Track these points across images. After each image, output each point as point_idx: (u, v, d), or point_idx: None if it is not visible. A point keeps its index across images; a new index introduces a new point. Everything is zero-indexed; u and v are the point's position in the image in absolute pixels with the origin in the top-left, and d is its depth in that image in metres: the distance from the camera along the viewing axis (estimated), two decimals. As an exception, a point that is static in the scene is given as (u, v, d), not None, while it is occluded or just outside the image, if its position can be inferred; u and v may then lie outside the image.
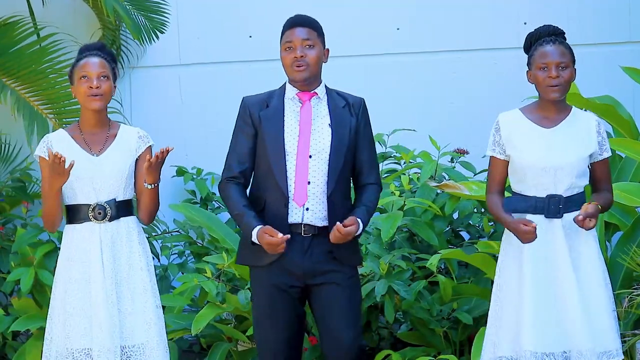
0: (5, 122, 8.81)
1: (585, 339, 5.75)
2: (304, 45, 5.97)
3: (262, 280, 6.04)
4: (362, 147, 6.09)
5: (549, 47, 5.82)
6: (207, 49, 9.38)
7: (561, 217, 5.81)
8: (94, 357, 5.94)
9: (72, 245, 6.06)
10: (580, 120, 5.95)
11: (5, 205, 8.54)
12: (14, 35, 8.87)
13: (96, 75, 6.00)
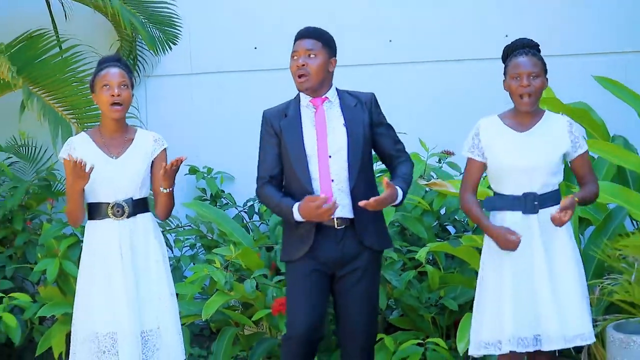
0: (31, 127, 8.86)
1: (555, 324, 5.80)
2: (306, 55, 6.00)
3: (297, 270, 6.06)
4: (381, 136, 6.14)
5: (521, 59, 5.86)
6: (216, 59, 9.41)
7: (537, 213, 5.84)
8: (119, 341, 5.99)
9: (94, 240, 6.12)
10: (553, 122, 5.98)
11: (32, 202, 8.56)
12: (39, 48, 8.91)
13: (117, 84, 6.04)
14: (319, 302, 6.06)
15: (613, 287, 6.27)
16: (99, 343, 6.04)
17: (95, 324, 6.05)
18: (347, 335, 6.17)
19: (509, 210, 5.88)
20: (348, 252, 6.00)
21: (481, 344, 5.97)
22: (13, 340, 7.74)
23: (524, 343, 5.86)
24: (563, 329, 5.81)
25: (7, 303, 7.68)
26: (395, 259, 7.20)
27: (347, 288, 6.07)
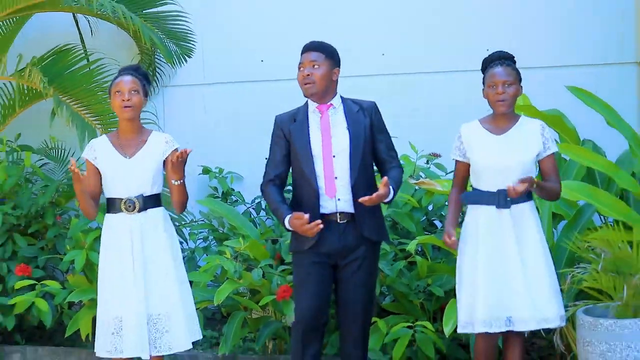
0: (61, 131, 8.90)
1: (527, 308, 5.87)
2: (311, 66, 6.06)
3: (303, 260, 6.13)
4: (378, 140, 6.19)
5: (497, 69, 5.95)
6: (227, 71, 9.44)
7: (509, 208, 5.91)
8: (124, 324, 6.08)
9: (109, 232, 6.21)
10: (527, 126, 6.04)
11: (61, 199, 8.57)
12: (67, 60, 8.97)
13: (127, 90, 6.11)
14: (323, 290, 6.12)
15: (583, 275, 6.29)
16: (109, 325, 6.14)
17: (107, 309, 6.15)
18: (346, 319, 6.22)
19: (485, 204, 5.95)
20: (349, 244, 6.06)
21: (465, 324, 6.04)
22: (45, 323, 7.79)
23: (497, 324, 5.92)
24: (534, 312, 5.87)
25: (39, 290, 7.73)
26: (387, 250, 7.23)
27: (347, 276, 6.13)
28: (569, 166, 7.35)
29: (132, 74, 6.21)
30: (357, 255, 6.11)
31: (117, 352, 6.12)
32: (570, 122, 7.49)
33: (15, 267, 8.09)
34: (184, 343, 6.24)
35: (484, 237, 5.94)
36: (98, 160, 6.18)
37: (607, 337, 6.01)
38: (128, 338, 6.07)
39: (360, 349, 6.27)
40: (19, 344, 8.33)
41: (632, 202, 7.14)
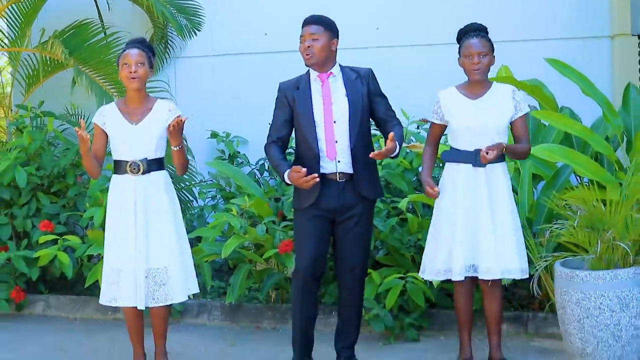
0: (81, 99, 8.90)
1: (492, 258, 5.97)
2: (311, 38, 6.06)
3: (303, 216, 6.13)
4: (377, 103, 6.20)
5: (472, 40, 6.05)
6: (233, 43, 9.40)
7: (484, 167, 5.98)
8: (121, 275, 6.13)
9: (115, 191, 6.24)
10: (499, 91, 6.14)
11: (81, 160, 8.55)
12: (87, 34, 8.97)
13: (134, 62, 6.13)
14: (321, 242, 6.13)
15: (560, 230, 6.29)
16: (110, 275, 6.20)
17: (108, 260, 6.22)
18: (344, 271, 6.24)
19: (462, 162, 6.03)
20: (347, 201, 6.07)
21: (436, 271, 6.14)
22: (66, 275, 7.80)
23: (466, 270, 6.04)
24: (498, 262, 5.98)
25: (61, 244, 7.72)
26: (381, 208, 7.23)
27: (345, 231, 6.14)
28: (548, 131, 7.35)
29: (138, 47, 6.22)
30: (355, 212, 6.10)
31: (114, 301, 6.19)
32: (549, 91, 7.49)
33: (39, 223, 8.12)
34: (180, 295, 6.27)
35: (462, 193, 6.03)
36: (107, 125, 6.21)
37: (582, 287, 6.04)
38: (124, 289, 6.14)
39: (357, 298, 6.30)
40: (42, 293, 8.38)
41: (605, 163, 7.15)
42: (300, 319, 6.23)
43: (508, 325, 7.00)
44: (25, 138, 8.32)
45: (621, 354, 6.05)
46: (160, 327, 6.38)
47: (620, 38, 8.44)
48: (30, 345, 7.31)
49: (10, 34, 9.50)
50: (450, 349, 6.77)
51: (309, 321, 6.26)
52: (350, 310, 6.31)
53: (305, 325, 6.25)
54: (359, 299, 6.31)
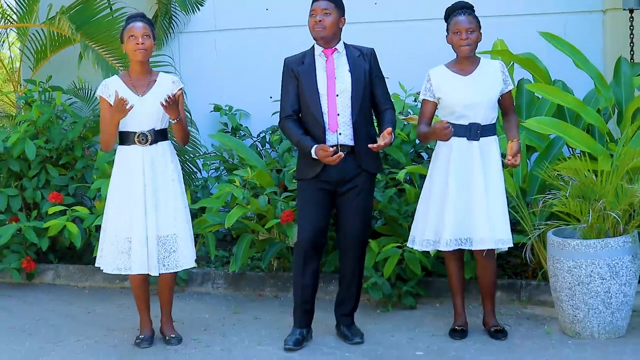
0: (88, 73, 8.89)
1: (486, 229, 6.00)
2: (322, 13, 6.09)
3: (307, 188, 6.18)
4: (376, 84, 6.23)
5: (460, 17, 6.09)
6: (235, 18, 9.37)
7: (478, 140, 6.03)
8: (132, 243, 6.14)
9: (122, 162, 6.24)
10: (488, 67, 6.19)
11: (88, 134, 8.59)
12: (93, 9, 8.94)
13: (141, 35, 6.13)
14: (323, 213, 6.19)
15: (553, 200, 6.32)
16: (118, 245, 6.20)
17: (116, 229, 6.20)
18: (345, 241, 6.29)
19: (456, 136, 6.06)
20: (348, 173, 6.11)
21: (425, 242, 6.20)
22: (75, 244, 7.81)
23: (457, 242, 6.08)
24: (492, 233, 6.02)
25: (70, 215, 7.75)
26: (379, 179, 7.24)
27: (347, 202, 6.18)
28: (541, 103, 7.36)
29: (142, 21, 6.22)
30: (355, 184, 6.15)
31: (124, 269, 6.20)
32: (543, 64, 7.50)
33: (49, 194, 8.14)
34: (189, 261, 6.34)
35: (455, 165, 6.07)
36: (112, 97, 6.16)
37: (574, 255, 6.10)
38: (136, 257, 6.15)
39: (357, 267, 6.36)
40: (52, 263, 8.41)
41: (597, 135, 7.16)
42: (302, 289, 6.28)
43: (502, 293, 7.04)
44: (34, 112, 8.33)
45: (611, 320, 6.11)
46: (167, 294, 6.44)
47: (611, 12, 8.42)
48: (41, 312, 7.36)
49: (18, 9, 9.47)
50: (446, 315, 6.82)
51: (309, 291, 6.30)
52: (350, 279, 6.35)
53: (306, 295, 6.30)
54: (359, 269, 6.36)
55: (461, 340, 6.27)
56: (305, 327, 6.37)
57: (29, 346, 6.54)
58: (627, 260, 6.09)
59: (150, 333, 6.44)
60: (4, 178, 8.43)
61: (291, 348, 6.23)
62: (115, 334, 6.72)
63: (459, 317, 6.37)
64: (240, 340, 6.50)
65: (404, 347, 6.24)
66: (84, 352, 6.38)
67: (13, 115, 9.59)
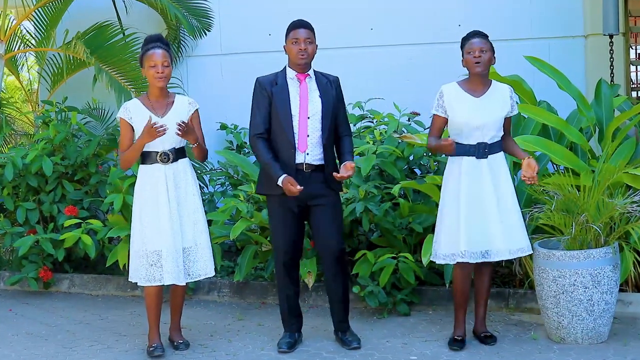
0: (102, 94, 8.90)
1: (502, 241, 5.95)
2: (306, 41, 6.08)
3: (276, 204, 6.16)
4: (338, 110, 6.23)
5: (474, 39, 6.04)
6: (240, 43, 9.37)
7: (487, 158, 5.97)
8: (163, 256, 6.10)
9: (145, 179, 6.20)
10: (499, 89, 6.13)
11: (102, 151, 8.56)
12: (107, 35, 8.97)
13: (161, 64, 6.11)
14: (295, 227, 6.21)
15: (539, 214, 6.31)
16: (148, 258, 6.15)
17: (145, 243, 6.15)
18: (323, 252, 6.27)
19: (465, 155, 5.99)
20: (313, 189, 6.09)
21: (440, 255, 6.10)
22: (89, 255, 7.81)
23: (474, 256, 5.99)
24: (508, 244, 5.97)
25: (84, 227, 7.73)
26: (375, 193, 7.20)
27: (318, 216, 6.18)
28: (527, 123, 7.33)
29: (161, 47, 6.18)
30: (322, 200, 6.15)
31: (156, 280, 6.15)
32: (528, 85, 7.49)
33: (64, 208, 8.13)
34: (210, 270, 6.34)
35: (465, 183, 5.99)
36: (133, 119, 6.16)
37: (559, 265, 6.09)
38: (168, 268, 6.11)
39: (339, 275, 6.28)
40: (67, 272, 8.38)
41: (579, 153, 7.14)
42: (287, 298, 6.31)
43: (491, 301, 6.99)
44: (51, 130, 8.32)
45: (593, 327, 6.09)
46: (179, 302, 6.44)
47: (593, 37, 8.42)
48: (57, 319, 7.33)
49: (37, 35, 9.52)
50: (439, 322, 6.79)
51: (293, 300, 6.33)
52: (335, 287, 6.30)
53: (292, 303, 6.33)
54: (341, 276, 6.28)
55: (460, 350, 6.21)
56: (297, 332, 6.38)
57: (45, 351, 6.52)
58: (609, 270, 6.07)
59: (160, 342, 6.37)
60: (22, 193, 8.41)
61: (285, 350, 6.23)
62: (126, 340, 6.69)
63: (460, 328, 6.26)
64: (244, 345, 6.47)
65: (399, 352, 6.21)
66: (97, 357, 6.35)
67: (31, 134, 9.58)
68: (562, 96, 7.50)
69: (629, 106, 7.48)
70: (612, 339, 6.22)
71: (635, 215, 6.24)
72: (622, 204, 6.17)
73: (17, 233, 8.13)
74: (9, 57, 9.40)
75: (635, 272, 6.58)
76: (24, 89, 10.25)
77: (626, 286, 6.83)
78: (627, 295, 6.79)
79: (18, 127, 10.49)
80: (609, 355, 5.95)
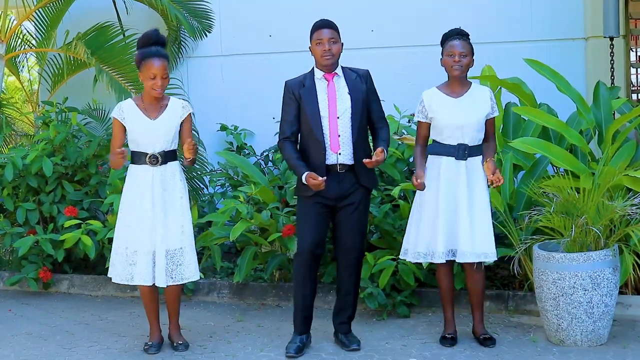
0: (102, 95, 8.91)
1: (469, 243, 6.01)
2: (330, 41, 6.08)
3: (307, 203, 6.15)
4: (372, 102, 6.22)
5: (454, 42, 6.09)
6: (241, 44, 9.38)
7: (466, 160, 6.03)
8: (138, 256, 6.17)
9: (133, 180, 6.26)
10: (478, 91, 6.20)
11: (102, 152, 8.53)
12: (107, 35, 8.99)
13: (160, 76, 6.13)
14: (321, 226, 6.17)
15: (538, 216, 6.31)
16: (127, 257, 6.22)
17: (126, 241, 6.22)
18: (343, 253, 6.27)
19: (445, 155, 6.07)
20: (346, 190, 6.10)
21: (419, 254, 6.18)
22: (89, 255, 7.81)
23: (447, 254, 6.09)
24: (474, 248, 6.03)
25: (84, 228, 7.74)
26: (375, 195, 7.21)
27: (345, 217, 6.17)
28: (527, 125, 7.34)
29: (161, 56, 6.18)
30: (353, 200, 6.13)
31: (131, 280, 6.22)
32: (528, 88, 7.48)
33: (64, 209, 8.12)
34: (194, 274, 6.34)
35: (444, 182, 6.06)
36: (126, 120, 6.22)
37: (558, 268, 6.08)
38: (138, 269, 6.17)
39: (354, 278, 6.33)
40: (67, 273, 8.38)
41: (579, 155, 7.13)
42: (303, 297, 6.27)
43: (490, 303, 7.01)
44: (51, 131, 8.31)
45: (593, 329, 6.09)
46: (174, 304, 6.43)
47: (593, 40, 8.43)
48: (56, 319, 7.33)
49: (37, 35, 9.53)
50: (438, 323, 6.79)
51: (309, 298, 6.28)
52: (347, 289, 6.32)
53: (306, 302, 6.28)
54: (355, 279, 6.32)
55: (452, 347, 6.23)
56: (306, 333, 6.35)
57: (45, 351, 6.51)
58: (608, 272, 6.07)
59: (159, 340, 6.40)
60: (22, 193, 8.40)
61: (292, 355, 6.19)
62: (125, 340, 6.69)
63: (449, 326, 6.34)
64: (244, 346, 6.46)
65: (398, 353, 6.21)
66: (96, 357, 6.34)
67: (32, 135, 9.58)
68: (562, 99, 7.49)
69: (629, 108, 7.46)
70: (612, 341, 6.21)
71: (635, 218, 6.23)
72: (622, 206, 6.17)
73: (17, 233, 8.13)
74: (10, 58, 9.39)
75: (635, 274, 6.57)
76: (25, 89, 10.25)
77: (626, 289, 6.83)
78: (627, 297, 6.78)
79: (18, 128, 10.48)
80: (609, 357, 5.94)
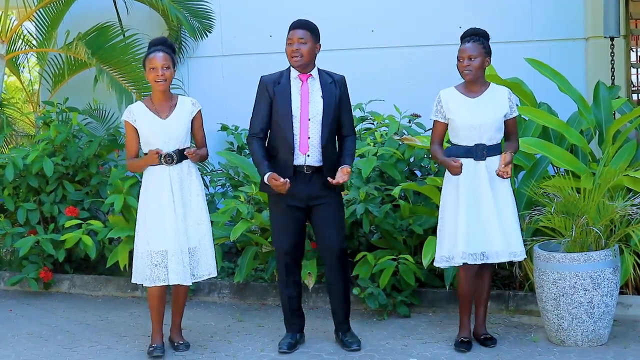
0: (103, 95, 8.88)
1: (500, 243, 5.94)
2: (299, 42, 6.06)
3: (278, 203, 6.15)
4: (343, 109, 6.20)
5: (466, 45, 6.03)
6: (241, 45, 9.38)
7: (485, 160, 5.96)
8: (168, 256, 6.12)
9: (150, 181, 6.23)
10: (497, 91, 6.12)
11: (103, 152, 8.55)
12: (108, 35, 8.97)
13: (161, 67, 6.15)
14: (297, 228, 6.20)
15: (539, 216, 6.31)
16: (152, 258, 6.15)
17: (150, 244, 6.15)
18: (326, 252, 6.27)
19: (464, 157, 5.98)
20: (314, 191, 6.11)
21: (442, 258, 6.10)
22: (90, 256, 7.83)
23: (473, 257, 5.98)
24: (506, 247, 5.97)
25: (85, 228, 7.74)
26: (376, 195, 7.20)
27: (319, 216, 6.18)
28: (527, 125, 7.33)
29: (163, 50, 6.21)
30: (324, 200, 6.14)
31: (160, 280, 6.15)
32: (529, 88, 7.48)
33: (65, 209, 8.13)
34: (213, 270, 6.36)
35: (463, 185, 5.98)
36: (137, 122, 6.21)
37: (559, 268, 6.08)
38: (173, 268, 6.12)
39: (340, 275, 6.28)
40: (68, 273, 8.38)
41: (580, 155, 7.14)
42: (289, 300, 6.31)
43: (491, 303, 6.99)
44: (52, 131, 8.31)
45: (593, 329, 6.08)
46: (181, 303, 6.45)
47: (593, 40, 8.42)
48: (57, 320, 7.33)
49: (38, 36, 9.52)
50: (438, 324, 6.79)
51: (295, 300, 6.33)
52: (337, 287, 6.30)
53: (293, 304, 6.33)
54: (343, 277, 6.28)
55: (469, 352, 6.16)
56: (298, 332, 6.37)
57: (46, 351, 6.52)
58: (609, 272, 6.06)
59: (162, 343, 6.37)
60: (23, 193, 8.40)
61: (285, 351, 6.23)
62: (126, 340, 6.69)
63: (465, 330, 6.25)
64: (244, 346, 6.46)
65: (399, 353, 6.20)
66: (97, 357, 6.35)
67: (32, 135, 9.58)
68: (563, 98, 7.50)
69: (629, 108, 7.47)
70: (612, 341, 6.21)
71: (636, 218, 6.22)
72: (622, 206, 6.17)
73: (18, 233, 8.13)
74: (10, 58, 9.39)
75: (636, 274, 6.57)
76: (25, 89, 10.26)
77: (626, 289, 6.83)
78: (627, 297, 6.78)
79: (19, 128, 10.49)
80: (609, 357, 5.94)
